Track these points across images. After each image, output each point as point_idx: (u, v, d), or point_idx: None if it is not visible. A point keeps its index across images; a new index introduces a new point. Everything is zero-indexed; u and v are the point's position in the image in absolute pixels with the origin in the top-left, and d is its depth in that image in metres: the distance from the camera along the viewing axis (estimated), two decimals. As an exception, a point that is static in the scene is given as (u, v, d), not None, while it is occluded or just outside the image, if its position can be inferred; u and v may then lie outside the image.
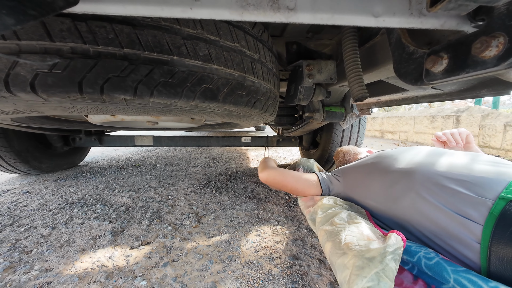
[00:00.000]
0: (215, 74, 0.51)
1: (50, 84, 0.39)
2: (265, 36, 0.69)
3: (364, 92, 0.69)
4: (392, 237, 0.53)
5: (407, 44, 0.50)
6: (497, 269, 0.47)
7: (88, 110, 0.51)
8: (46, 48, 0.37)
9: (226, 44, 0.53)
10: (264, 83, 0.67)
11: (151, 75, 0.43)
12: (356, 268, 0.49)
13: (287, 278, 0.71)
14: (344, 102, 1.21)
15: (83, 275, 0.71)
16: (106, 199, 1.30)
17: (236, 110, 0.61)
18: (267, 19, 0.34)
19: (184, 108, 0.53)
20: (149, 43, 0.42)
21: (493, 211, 0.49)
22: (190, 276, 0.71)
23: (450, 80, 0.40)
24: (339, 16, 0.34)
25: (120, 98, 0.43)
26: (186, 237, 0.92)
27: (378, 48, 0.73)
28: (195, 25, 0.47)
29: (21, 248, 0.84)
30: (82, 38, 0.38)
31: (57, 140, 1.79)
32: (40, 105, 0.44)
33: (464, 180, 0.57)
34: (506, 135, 2.85)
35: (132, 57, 0.42)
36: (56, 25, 0.37)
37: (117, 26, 0.40)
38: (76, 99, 0.41)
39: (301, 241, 0.91)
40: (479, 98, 0.85)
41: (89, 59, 0.39)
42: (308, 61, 0.81)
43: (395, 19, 0.36)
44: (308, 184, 0.87)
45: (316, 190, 0.86)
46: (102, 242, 0.88)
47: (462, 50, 0.34)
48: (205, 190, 1.47)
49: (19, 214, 1.10)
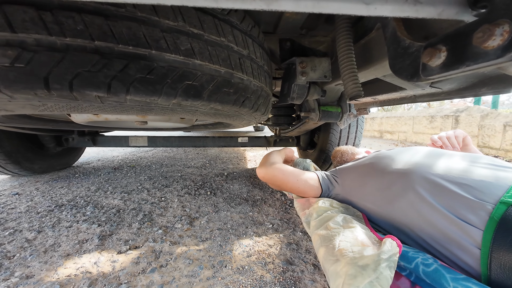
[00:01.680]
0: (198, 70, 0.48)
1: (12, 79, 0.35)
2: (255, 32, 0.66)
3: (359, 90, 0.66)
4: (387, 243, 0.50)
5: (403, 38, 0.47)
6: (498, 277, 0.45)
7: (60, 109, 0.48)
8: (8, 40, 0.34)
9: (211, 38, 0.50)
10: (254, 80, 0.64)
11: (126, 71, 0.40)
12: (349, 277, 0.46)
13: (280, 284, 0.68)
14: (341, 101, 1.18)
15: (65, 282, 0.67)
16: (97, 201, 1.26)
17: (224, 109, 0.58)
18: (246, 6, 0.30)
19: (166, 106, 0.49)
20: (123, 36, 0.39)
21: (494, 215, 0.47)
22: (178, 283, 0.68)
23: (449, 74, 0.36)
24: (325, 4, 0.31)
25: (92, 95, 0.40)
26: (176, 241, 0.89)
27: (373, 44, 0.70)
28: (175, 17, 0.44)
29: (4, 253, 0.81)
30: (47, 29, 0.35)
31: (50, 141, 1.75)
32: (7, 103, 0.41)
33: (463, 183, 0.55)
34: (506, 135, 2.82)
35: (104, 50, 0.38)
36: (18, 15, 0.34)
37: (87, 17, 0.36)
38: (44, 96, 0.38)
39: (296, 245, 0.88)
40: (478, 96, 0.82)
41: (56, 52, 0.36)
42: (302, 58, 0.78)
43: (387, 7, 0.33)
44: (309, 184, 0.83)
45: (316, 190, 0.83)
46: (88, 247, 0.85)
47: (462, 41, 0.31)
48: (199, 191, 1.44)
49: (6, 217, 1.06)
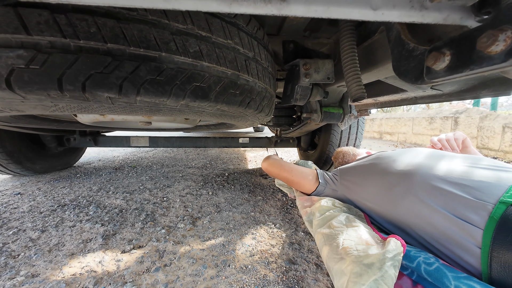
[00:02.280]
0: (206, 72, 0.49)
1: (27, 80, 0.36)
2: (260, 34, 0.67)
3: (362, 92, 0.67)
4: (392, 242, 0.51)
5: (407, 41, 0.48)
6: (498, 275, 0.46)
7: (72, 109, 0.48)
8: (23, 42, 0.35)
9: (219, 40, 0.51)
10: (259, 82, 0.64)
11: (137, 72, 0.41)
12: (354, 275, 0.47)
13: (283, 283, 0.69)
14: (342, 102, 1.19)
15: (71, 281, 0.68)
16: (99, 201, 1.27)
17: (230, 110, 0.59)
18: (258, 11, 0.31)
19: (174, 107, 0.50)
20: (135, 38, 0.40)
21: (494, 215, 0.48)
22: (182, 282, 0.69)
23: (453, 78, 0.37)
24: (335, 9, 0.32)
25: (104, 96, 0.40)
26: (180, 241, 0.90)
27: (377, 47, 0.71)
28: (184, 19, 0.45)
29: (8, 252, 0.81)
30: (61, 32, 0.36)
31: (51, 141, 1.75)
32: (19, 104, 0.42)
33: (464, 184, 0.56)
34: (505, 137, 2.84)
35: (116, 52, 0.39)
36: (33, 18, 0.35)
37: (100, 20, 0.37)
38: (56, 97, 0.39)
39: (298, 245, 0.88)
40: (479, 98, 0.84)
41: (69, 54, 0.36)
42: (305, 60, 0.79)
43: (394, 12, 0.34)
44: (303, 175, 0.89)
45: (312, 182, 0.88)
46: (92, 246, 0.85)
47: (466, 45, 0.32)
48: (201, 191, 1.45)
49: (9, 217, 1.07)
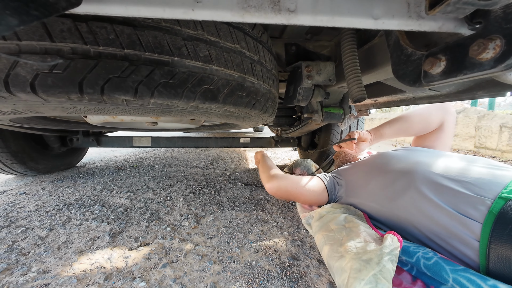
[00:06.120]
0: (215, 75, 0.51)
1: (50, 84, 0.39)
2: (264, 37, 0.69)
3: (363, 93, 0.69)
4: (388, 238, 0.54)
5: (405, 46, 0.51)
6: (496, 266, 0.48)
7: (88, 111, 0.51)
8: (47, 49, 0.37)
9: (226, 45, 0.54)
10: (263, 84, 0.67)
11: (151, 76, 0.43)
12: (354, 271, 0.49)
13: (287, 278, 0.71)
14: (343, 103, 1.22)
15: (82, 277, 0.70)
16: (104, 200, 1.29)
17: (236, 111, 0.62)
18: (268, 20, 0.34)
19: (184, 108, 0.53)
20: (149, 44, 0.43)
21: (492, 209, 0.50)
22: (189, 277, 0.71)
23: (448, 81, 0.40)
24: (339, 18, 0.35)
25: (120, 98, 0.43)
26: (185, 238, 0.92)
27: (376, 50, 0.74)
28: (195, 26, 0.47)
29: (18, 249, 0.83)
30: (83, 39, 0.38)
31: (54, 141, 1.77)
32: (40, 106, 0.44)
33: (463, 180, 0.58)
34: (502, 136, 2.88)
35: (132, 57, 0.42)
36: (57, 26, 0.37)
37: (118, 27, 0.40)
38: (76, 99, 0.41)
39: (300, 242, 0.91)
40: (475, 99, 0.86)
41: (89, 60, 0.39)
42: (307, 62, 0.81)
43: (394, 22, 0.36)
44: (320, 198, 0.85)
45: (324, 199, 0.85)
46: (100, 243, 0.87)
47: (459, 52, 0.35)
48: (203, 191, 1.47)
49: (16, 216, 1.09)
